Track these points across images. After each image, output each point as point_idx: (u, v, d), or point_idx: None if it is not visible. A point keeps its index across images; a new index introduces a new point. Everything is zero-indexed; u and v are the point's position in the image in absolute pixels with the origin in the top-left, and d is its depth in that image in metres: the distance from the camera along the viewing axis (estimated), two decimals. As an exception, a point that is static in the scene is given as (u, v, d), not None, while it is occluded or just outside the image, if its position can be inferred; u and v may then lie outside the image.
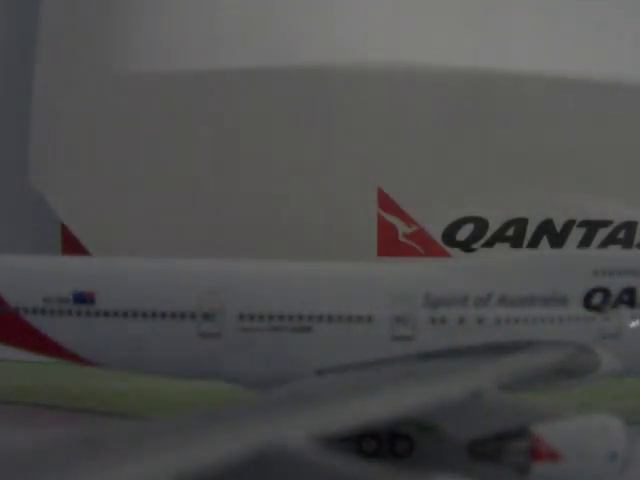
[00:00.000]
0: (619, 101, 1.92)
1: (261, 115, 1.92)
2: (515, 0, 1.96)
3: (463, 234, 1.93)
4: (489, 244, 1.93)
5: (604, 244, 1.93)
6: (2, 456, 0.90)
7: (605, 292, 1.42)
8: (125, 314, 1.43)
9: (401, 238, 1.92)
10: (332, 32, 1.92)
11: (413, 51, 1.89)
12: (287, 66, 1.90)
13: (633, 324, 1.42)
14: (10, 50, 2.42)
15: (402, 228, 1.92)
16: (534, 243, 1.93)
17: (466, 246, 1.93)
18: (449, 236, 1.93)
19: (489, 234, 1.93)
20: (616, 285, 1.43)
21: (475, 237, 1.93)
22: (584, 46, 1.91)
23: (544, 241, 1.93)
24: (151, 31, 1.97)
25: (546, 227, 1.93)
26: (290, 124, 1.92)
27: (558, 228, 1.93)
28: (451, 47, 1.90)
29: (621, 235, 1.94)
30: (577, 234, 1.93)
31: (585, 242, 1.93)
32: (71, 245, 2.04)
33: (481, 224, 1.93)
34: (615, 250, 1.89)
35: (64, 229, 2.08)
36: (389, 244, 1.92)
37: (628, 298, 1.42)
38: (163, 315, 1.42)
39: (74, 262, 1.58)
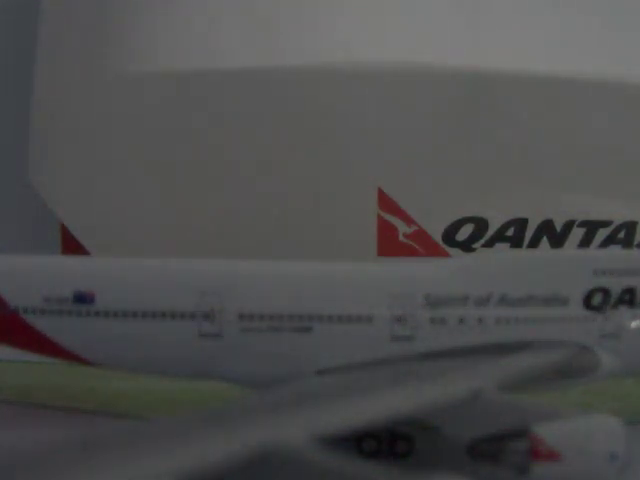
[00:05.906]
0: (619, 101, 1.91)
1: (261, 115, 1.92)
2: (515, 0, 1.96)
3: (463, 234, 1.93)
4: (489, 244, 1.93)
5: (604, 244, 1.93)
6: (2, 456, 0.90)
7: (605, 292, 1.42)
8: (125, 314, 1.43)
9: (401, 238, 1.92)
10: (333, 32, 1.92)
11: (413, 51, 1.89)
12: (288, 66, 1.90)
13: (633, 324, 1.42)
14: (10, 50, 2.42)
15: (402, 228, 1.92)
16: (534, 243, 1.93)
17: (466, 246, 1.93)
18: (449, 236, 1.93)
19: (489, 234, 1.93)
20: (616, 285, 1.42)
21: (475, 237, 1.93)
22: (585, 46, 1.91)
23: (544, 241, 1.93)
24: (152, 31, 1.97)
25: (546, 227, 1.93)
26: (290, 124, 1.92)
27: (558, 228, 1.93)
28: (451, 47, 1.90)
29: (621, 235, 1.94)
30: (577, 234, 1.93)
31: (585, 242, 1.93)
32: (71, 245, 2.04)
33: (481, 224, 1.93)
34: (615, 250, 1.89)
35: (64, 229, 2.08)
36: (389, 244, 1.92)
37: (628, 298, 1.42)
38: (163, 315, 1.42)
39: (74, 262, 1.58)
